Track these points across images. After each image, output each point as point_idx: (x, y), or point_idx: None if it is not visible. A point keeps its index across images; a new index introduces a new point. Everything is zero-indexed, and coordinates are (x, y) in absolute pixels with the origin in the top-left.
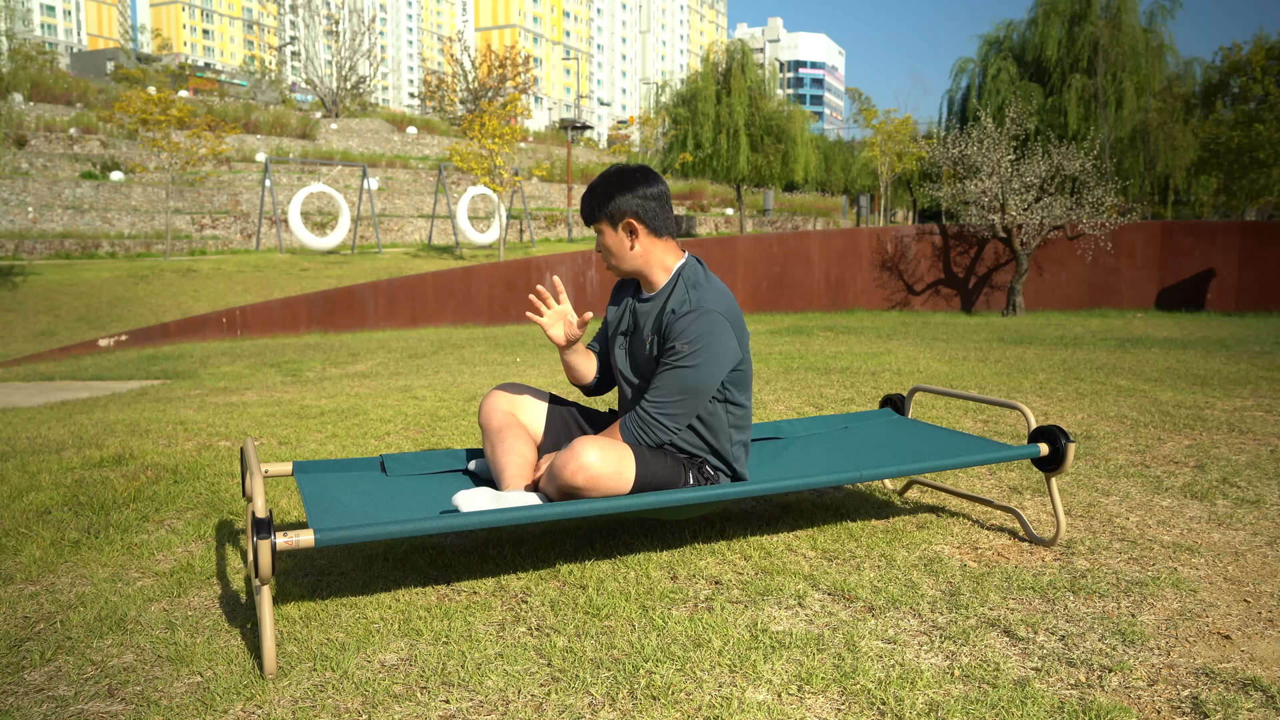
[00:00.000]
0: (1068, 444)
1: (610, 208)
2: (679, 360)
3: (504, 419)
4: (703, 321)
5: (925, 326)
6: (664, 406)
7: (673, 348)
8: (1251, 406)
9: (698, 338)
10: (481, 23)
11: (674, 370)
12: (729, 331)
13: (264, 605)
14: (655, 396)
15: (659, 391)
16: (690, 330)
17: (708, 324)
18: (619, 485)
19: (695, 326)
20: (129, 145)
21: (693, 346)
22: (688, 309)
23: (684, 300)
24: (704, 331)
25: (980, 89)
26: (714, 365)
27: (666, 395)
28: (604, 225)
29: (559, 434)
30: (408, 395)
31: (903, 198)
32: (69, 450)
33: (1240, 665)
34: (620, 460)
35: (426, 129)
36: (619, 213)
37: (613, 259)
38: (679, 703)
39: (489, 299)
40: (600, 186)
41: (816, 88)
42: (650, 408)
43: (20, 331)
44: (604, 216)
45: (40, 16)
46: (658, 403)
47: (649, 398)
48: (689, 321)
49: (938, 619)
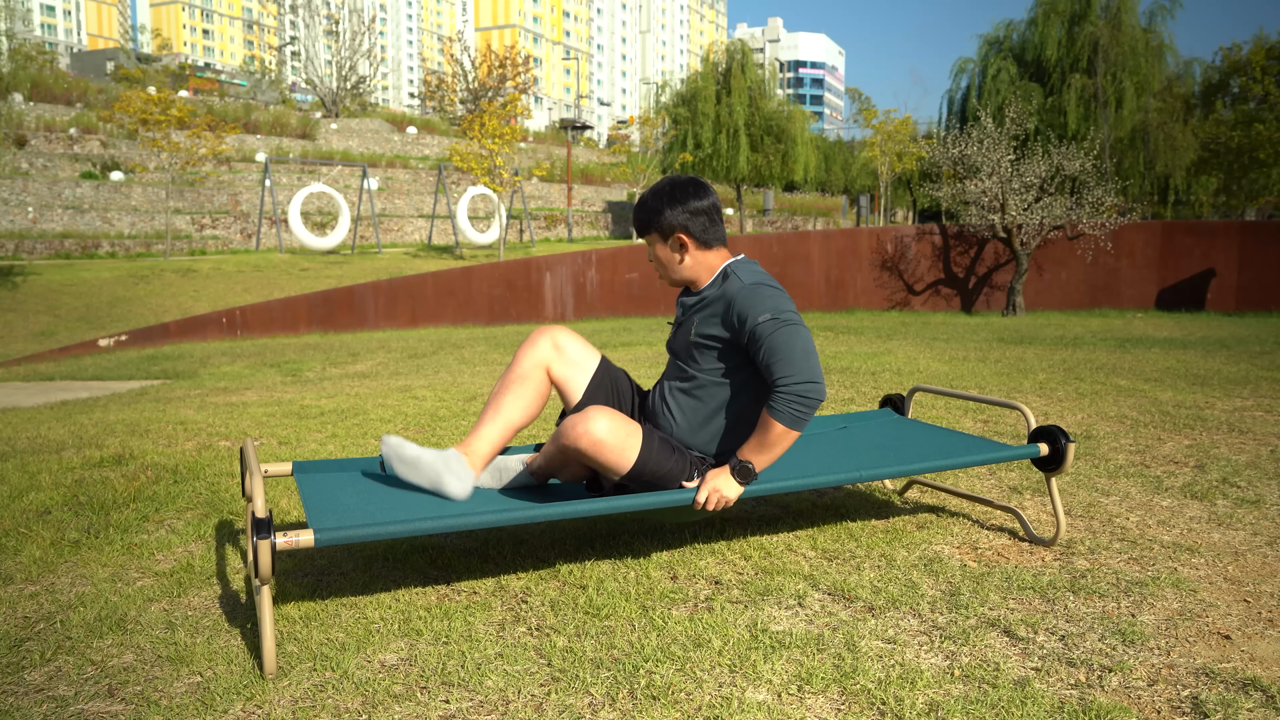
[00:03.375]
0: (1068, 444)
1: (660, 222)
2: (771, 329)
3: (529, 371)
4: (757, 290)
5: (925, 326)
6: (795, 370)
7: (755, 326)
8: (1251, 406)
9: (767, 299)
10: (481, 23)
11: (776, 336)
12: (779, 291)
13: (264, 605)
14: (783, 370)
15: (783, 364)
16: (757, 301)
17: (763, 293)
18: (620, 460)
19: (759, 296)
20: (129, 145)
21: (773, 311)
22: (740, 286)
23: (735, 285)
24: (762, 296)
25: (980, 89)
26: (799, 320)
27: (792, 360)
28: (654, 237)
29: (601, 401)
30: (408, 395)
31: (903, 198)
32: (69, 450)
33: (1240, 665)
34: (628, 437)
35: (426, 129)
36: (669, 228)
37: (663, 270)
38: (679, 703)
39: (489, 299)
40: (651, 200)
41: (816, 88)
42: (787, 383)
43: (20, 331)
44: (654, 229)
45: (40, 16)
46: (789, 375)
47: (779, 380)
48: (749, 294)
49: (938, 619)
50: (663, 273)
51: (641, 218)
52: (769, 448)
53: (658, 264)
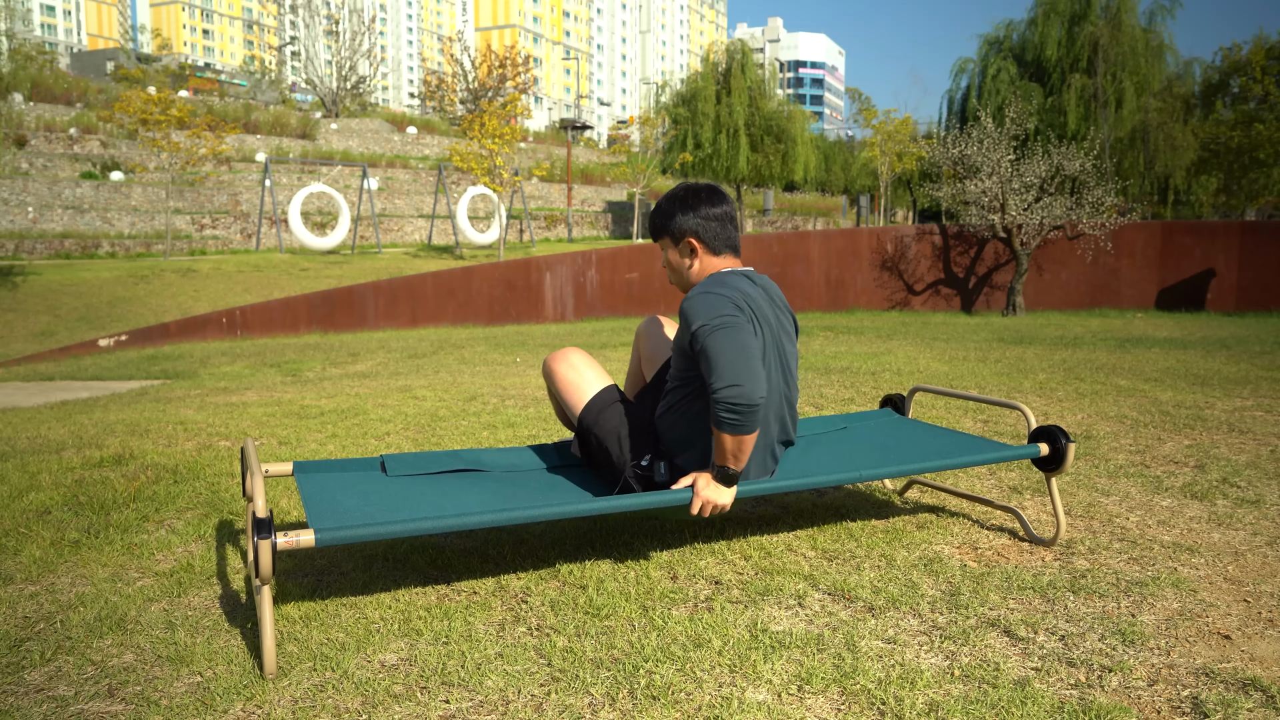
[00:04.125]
0: (1068, 444)
1: (673, 226)
2: (704, 335)
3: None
4: (699, 299)
5: (925, 326)
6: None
7: (693, 336)
8: (1251, 406)
9: (702, 307)
10: (481, 23)
11: (707, 343)
12: (721, 295)
13: (264, 605)
14: (711, 379)
15: (711, 372)
16: (693, 311)
17: (703, 301)
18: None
19: (695, 305)
20: (129, 145)
21: (706, 318)
22: (686, 297)
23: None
24: (702, 304)
25: (980, 89)
26: (734, 322)
27: (717, 367)
28: (666, 241)
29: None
30: (408, 395)
31: (903, 198)
32: (69, 450)
33: (1240, 665)
34: (584, 379)
35: (426, 129)
36: (680, 232)
37: (674, 275)
38: (679, 703)
39: (489, 299)
40: (666, 204)
41: (816, 88)
42: (714, 391)
43: (20, 331)
44: (667, 233)
45: (40, 16)
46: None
47: (710, 388)
48: (689, 304)
49: (938, 619)
50: (675, 278)
51: (656, 222)
52: (730, 453)
53: (670, 269)
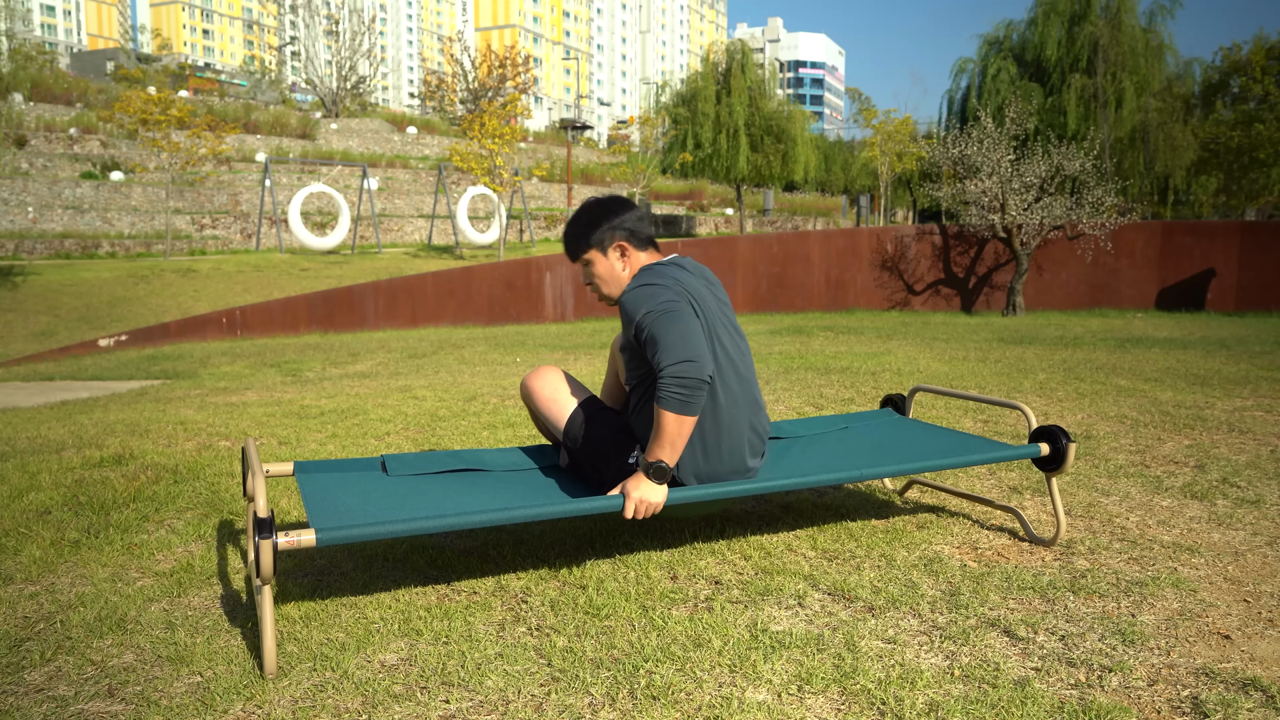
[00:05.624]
0: (1068, 444)
1: (600, 236)
2: (649, 322)
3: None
4: (637, 292)
5: (925, 326)
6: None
7: (639, 327)
8: (1251, 406)
9: (643, 299)
10: (481, 23)
11: (653, 328)
12: (659, 285)
13: (264, 605)
14: (658, 358)
15: (658, 352)
16: (636, 304)
17: (642, 292)
18: (553, 413)
19: (636, 298)
20: (129, 145)
21: (649, 306)
22: (625, 293)
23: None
24: (641, 295)
25: (980, 89)
26: (676, 307)
27: (665, 346)
28: (594, 254)
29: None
30: (408, 395)
31: (903, 198)
32: (69, 450)
33: (1240, 665)
34: (558, 392)
35: (426, 129)
36: (609, 238)
37: (605, 285)
38: (679, 703)
39: (489, 299)
40: (586, 219)
41: (816, 88)
42: (662, 368)
43: (20, 331)
44: (594, 244)
45: (40, 16)
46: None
47: (656, 367)
48: (630, 299)
49: (938, 619)
50: (605, 290)
51: (579, 238)
52: (668, 440)
53: (599, 281)
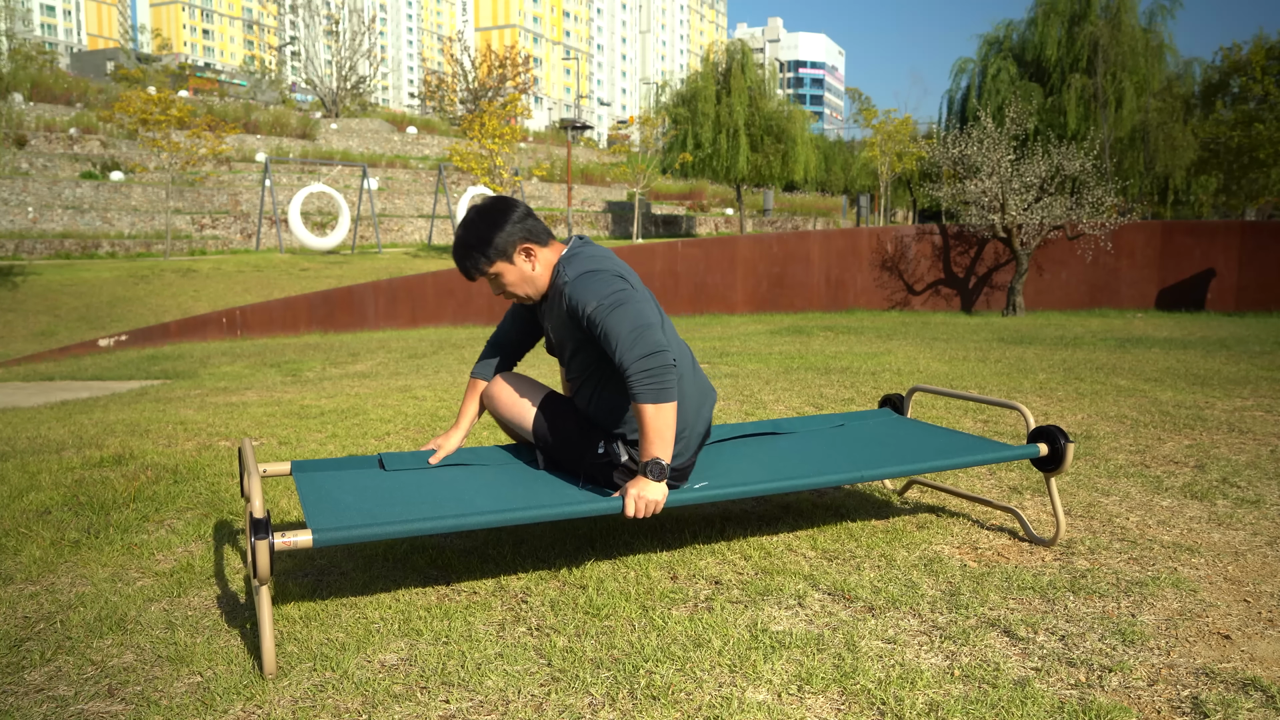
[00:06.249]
0: (1067, 444)
1: (501, 245)
2: (601, 315)
3: None
4: (587, 279)
5: (925, 326)
6: (627, 349)
7: (589, 318)
8: (1251, 406)
9: (592, 287)
10: (481, 23)
11: (606, 321)
12: (601, 273)
13: (263, 605)
14: (619, 354)
15: (617, 348)
16: (585, 293)
17: (590, 280)
18: (519, 417)
19: (584, 286)
20: (129, 145)
21: (599, 297)
22: (567, 283)
23: (563, 282)
24: (592, 281)
25: (980, 89)
26: (624, 297)
27: (623, 340)
28: (501, 265)
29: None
30: (408, 395)
31: (903, 198)
32: (69, 450)
33: (1240, 665)
34: (522, 396)
35: (426, 129)
36: (510, 245)
37: (523, 289)
38: (679, 703)
39: (489, 299)
40: (477, 233)
41: (816, 88)
42: (627, 365)
43: (20, 331)
44: (498, 257)
45: (40, 16)
46: (625, 356)
47: (620, 365)
48: (577, 288)
49: (938, 619)
50: (522, 294)
51: (476, 253)
52: (656, 434)
53: (513, 289)
